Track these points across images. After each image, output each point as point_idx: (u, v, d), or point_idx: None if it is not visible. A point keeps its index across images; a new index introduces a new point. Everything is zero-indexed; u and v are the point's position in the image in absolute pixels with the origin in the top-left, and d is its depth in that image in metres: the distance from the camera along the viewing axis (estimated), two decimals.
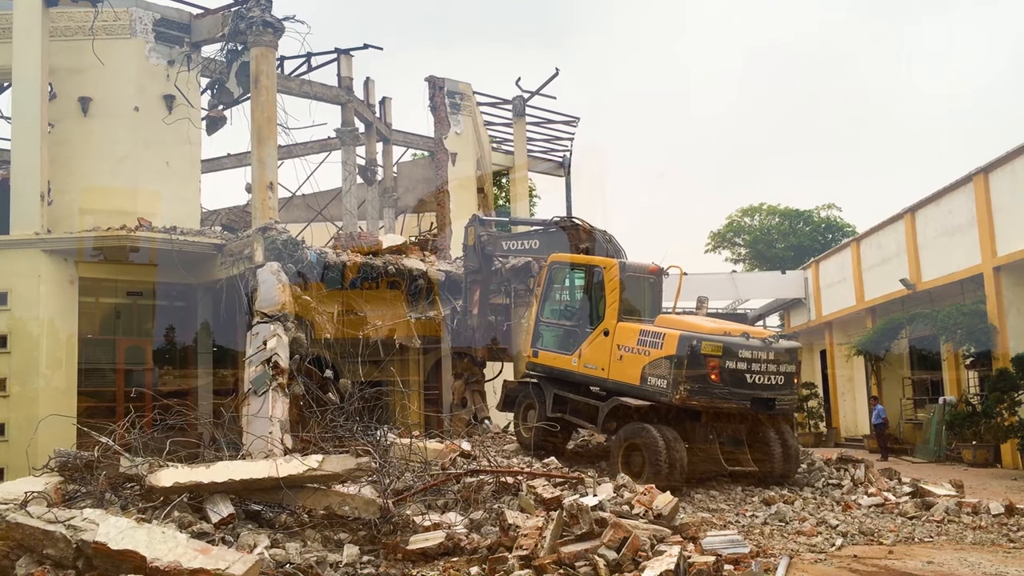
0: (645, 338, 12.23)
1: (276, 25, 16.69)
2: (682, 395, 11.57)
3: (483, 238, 16.21)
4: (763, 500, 11.40)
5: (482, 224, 16.51)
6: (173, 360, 18.40)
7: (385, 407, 16.34)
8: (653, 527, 8.27)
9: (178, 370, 18.28)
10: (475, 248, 16.33)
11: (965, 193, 21.69)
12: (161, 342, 18.26)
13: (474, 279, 16.66)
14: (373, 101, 26.06)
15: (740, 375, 11.78)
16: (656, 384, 11.87)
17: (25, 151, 16.64)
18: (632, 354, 12.33)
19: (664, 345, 11.89)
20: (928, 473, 17.14)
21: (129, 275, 17.07)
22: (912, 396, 27.03)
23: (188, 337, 18.38)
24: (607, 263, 13.24)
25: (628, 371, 12.34)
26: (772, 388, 12.08)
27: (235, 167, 27.77)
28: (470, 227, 16.59)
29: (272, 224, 15.82)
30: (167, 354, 18.35)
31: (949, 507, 10.87)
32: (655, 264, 13.66)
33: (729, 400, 11.81)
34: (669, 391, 11.67)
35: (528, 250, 15.93)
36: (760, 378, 11.94)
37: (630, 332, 12.49)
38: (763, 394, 12.00)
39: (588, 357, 13.11)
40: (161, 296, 18.06)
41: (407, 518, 8.71)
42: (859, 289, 28.88)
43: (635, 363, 12.24)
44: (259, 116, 16.41)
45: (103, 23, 17.98)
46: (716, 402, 11.81)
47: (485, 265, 16.53)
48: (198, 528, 7.96)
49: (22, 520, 7.47)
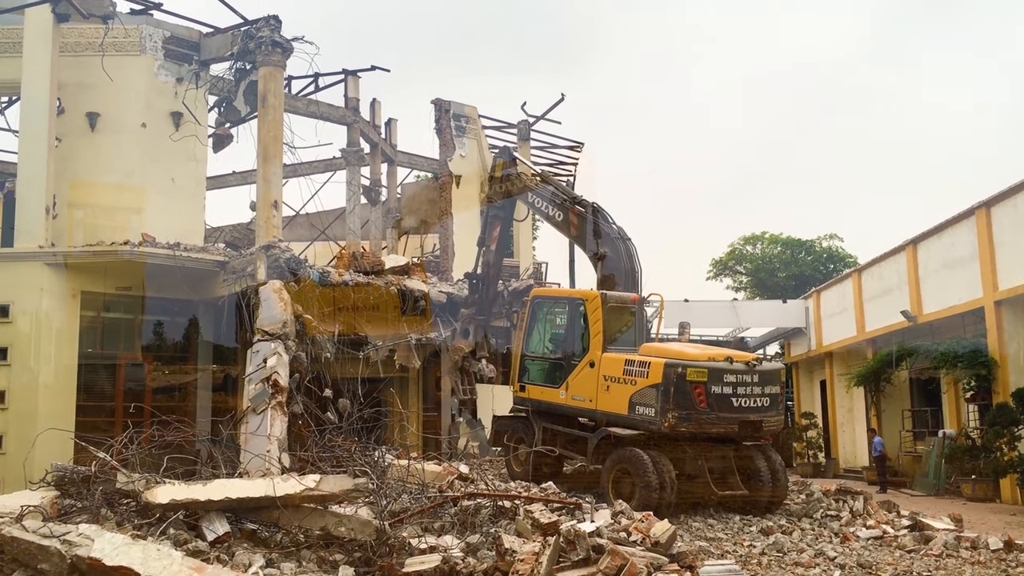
0: (631, 368, 12.26)
1: (285, 45, 16.84)
2: (670, 422, 11.59)
3: (512, 175, 15.99)
4: (761, 530, 11.35)
5: (513, 161, 16.37)
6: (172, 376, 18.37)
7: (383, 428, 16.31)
8: (650, 555, 8.23)
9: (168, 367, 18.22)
10: (504, 182, 16.12)
11: (967, 226, 21.73)
12: (161, 358, 18.25)
13: (496, 213, 16.57)
14: (379, 122, 26.20)
15: (727, 399, 11.85)
16: (644, 413, 11.88)
17: (32, 164, 16.75)
18: (619, 384, 12.35)
19: (650, 374, 11.91)
20: (927, 506, 17.05)
21: (131, 290, 17.10)
22: (912, 428, 26.94)
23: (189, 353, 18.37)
24: (588, 295, 13.32)
25: (615, 401, 12.36)
26: (758, 410, 12.17)
27: (240, 184, 27.86)
28: (500, 159, 16.49)
29: (275, 242, 15.87)
30: (166, 369, 18.32)
31: (948, 541, 10.81)
32: (635, 294, 13.70)
33: (717, 425, 11.85)
34: (657, 419, 11.68)
35: (549, 216, 15.26)
36: (746, 401, 12.02)
37: (615, 362, 12.54)
38: (750, 417, 12.08)
39: (575, 389, 13.14)
40: (163, 312, 18.09)
41: (403, 540, 8.67)
42: (860, 320, 28.85)
43: (622, 393, 12.26)
44: (265, 135, 16.52)
45: (113, 39, 18.13)
46: (704, 427, 11.83)
47: (509, 202, 16.30)
48: (193, 546, 7.91)
49: (17, 534, 7.44)
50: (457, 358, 16.87)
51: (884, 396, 27.24)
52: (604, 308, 12.97)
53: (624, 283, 13.78)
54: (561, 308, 14.04)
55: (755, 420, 12.16)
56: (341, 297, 16.47)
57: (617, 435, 12.21)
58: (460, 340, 17.13)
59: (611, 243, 14.16)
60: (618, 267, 13.99)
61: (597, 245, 14.13)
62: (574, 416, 13.33)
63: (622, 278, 13.83)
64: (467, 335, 17.02)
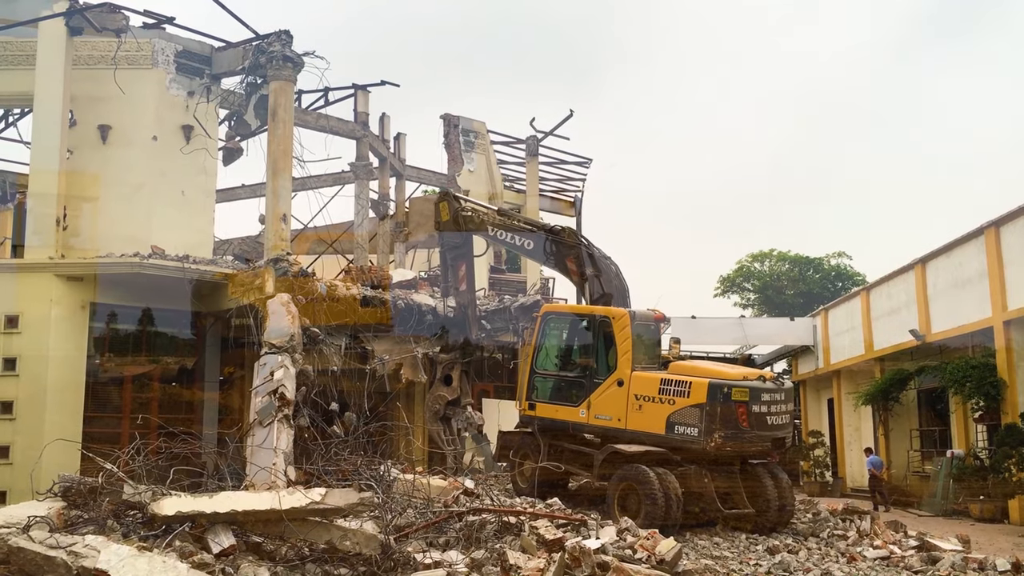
0: (667, 387, 12.17)
1: (296, 60, 16.96)
2: (716, 442, 11.60)
3: (466, 213, 15.53)
4: (767, 549, 11.29)
5: (457, 200, 15.89)
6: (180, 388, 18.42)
7: (389, 442, 16.28)
8: (656, 573, 8.21)
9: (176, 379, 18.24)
10: (453, 222, 15.64)
11: (976, 246, 21.69)
12: (169, 370, 18.29)
13: (456, 254, 16.02)
14: (388, 136, 26.31)
15: (763, 417, 11.98)
16: (686, 432, 11.83)
17: (43, 176, 16.85)
18: (653, 404, 12.24)
19: (691, 393, 11.87)
20: (935, 527, 16.96)
21: (140, 302, 17.17)
22: (920, 448, 26.82)
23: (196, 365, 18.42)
24: (616, 313, 13.17)
25: (649, 421, 12.24)
26: (783, 428, 12.38)
27: (249, 197, 27.98)
28: (443, 202, 15.86)
29: (284, 255, 15.93)
30: (174, 381, 18.37)
31: (955, 562, 10.73)
32: (659, 312, 13.69)
33: (756, 443, 12.01)
34: (701, 438, 11.66)
35: (518, 246, 15.19)
36: (775, 419, 12.17)
37: (649, 381, 12.41)
38: (778, 434, 12.28)
39: (600, 408, 12.96)
40: (171, 324, 18.15)
41: (408, 555, 8.66)
42: (868, 338, 28.78)
43: (658, 412, 12.16)
44: (275, 148, 16.61)
45: (125, 53, 18.27)
46: (746, 446, 11.96)
47: (466, 239, 15.82)
48: (199, 558, 7.92)
49: (24, 545, 7.46)
50: (438, 407, 16.03)
51: (892, 415, 27.13)
52: (632, 326, 12.88)
53: (618, 301, 13.84)
54: (580, 325, 13.84)
55: (781, 437, 12.38)
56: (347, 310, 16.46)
57: (623, 452, 12.17)
58: (441, 387, 16.28)
59: (597, 263, 14.15)
60: (610, 286, 14.03)
61: (586, 266, 14.07)
62: (598, 435, 13.12)
63: (618, 297, 13.88)
64: (448, 382, 16.22)
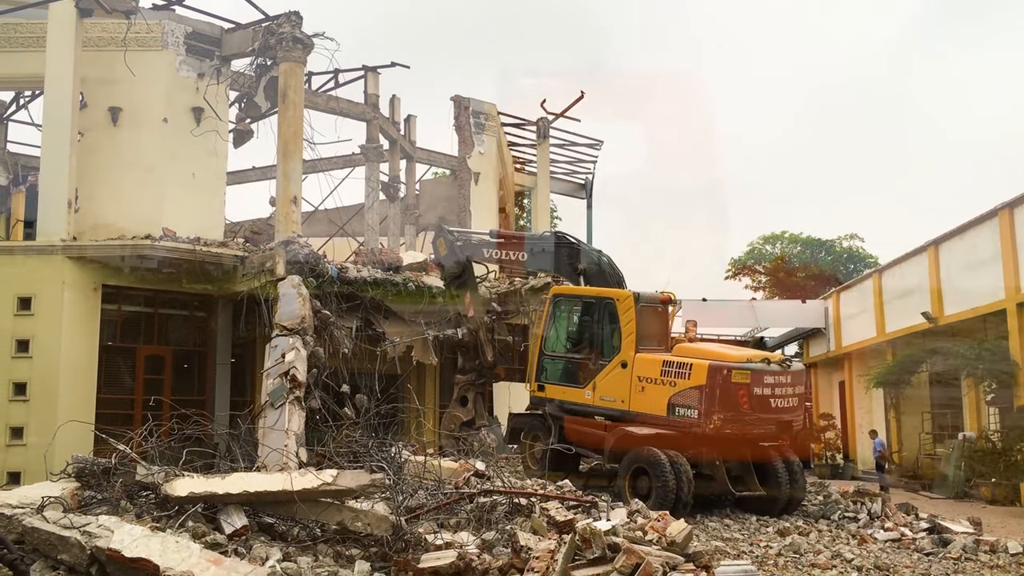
0: (669, 368, 12.20)
1: (306, 41, 16.89)
2: (716, 424, 11.60)
3: (459, 244, 15.90)
4: (778, 531, 11.29)
5: (451, 233, 16.28)
6: (192, 370, 18.50)
7: (401, 424, 16.32)
8: (666, 554, 8.21)
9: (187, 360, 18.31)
10: (451, 255, 15.97)
11: (990, 228, 21.51)
12: (181, 351, 18.37)
13: (459, 283, 16.31)
14: (398, 118, 26.27)
15: (766, 400, 11.92)
16: (686, 414, 11.85)
17: (55, 159, 16.88)
18: (656, 385, 12.29)
19: (692, 375, 11.87)
20: (946, 509, 16.92)
21: (152, 284, 17.23)
22: (932, 431, 26.74)
23: (208, 347, 18.49)
24: (620, 295, 13.24)
25: (652, 402, 12.30)
26: (790, 411, 12.29)
27: (260, 180, 28.03)
28: (439, 239, 16.25)
29: (295, 238, 15.93)
30: (186, 363, 18.45)
31: (967, 545, 10.73)
32: (665, 293, 13.69)
33: (758, 426, 11.93)
34: (701, 420, 11.67)
35: (513, 261, 15.66)
36: (781, 402, 12.09)
37: (652, 363, 12.46)
38: (784, 417, 12.20)
39: (604, 389, 13.06)
40: (182, 306, 18.22)
41: (419, 536, 8.69)
42: (880, 321, 28.63)
43: (660, 394, 12.20)
44: (286, 130, 16.58)
45: (135, 35, 18.24)
46: (747, 429, 11.89)
47: (468, 268, 16.16)
48: (211, 539, 7.97)
49: (38, 524, 7.52)
50: (454, 426, 16.15)
51: (904, 398, 27.02)
52: (637, 308, 12.90)
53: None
54: (587, 307, 13.92)
55: (788, 420, 12.28)
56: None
57: (633, 434, 12.17)
58: (457, 408, 16.48)
59: (588, 257, 14.47)
60: (602, 278, 14.21)
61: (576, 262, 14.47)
62: (603, 416, 13.17)
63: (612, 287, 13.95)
64: (464, 403, 16.43)
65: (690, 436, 11.93)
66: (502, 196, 28.67)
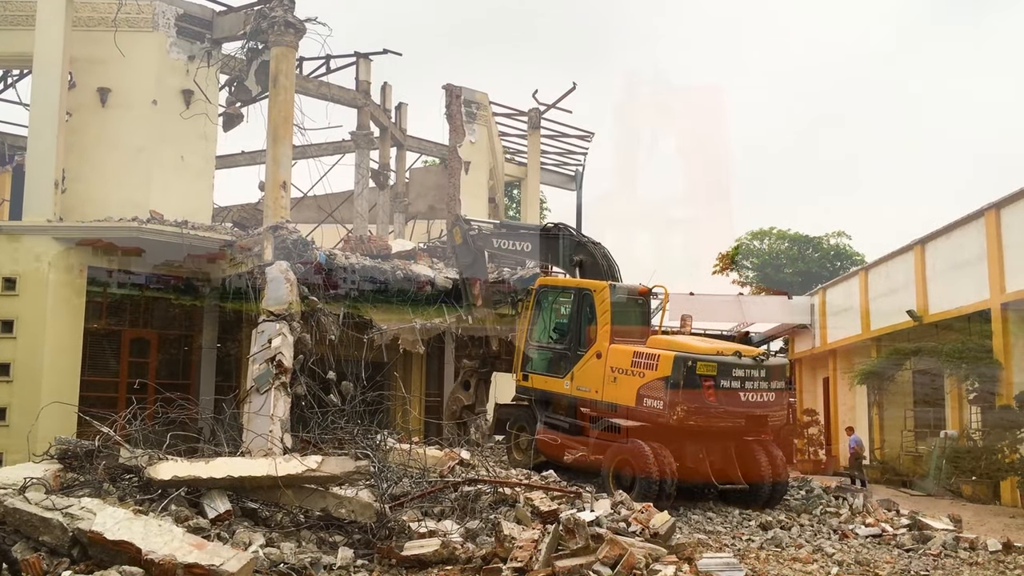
0: (639, 360, 12.27)
1: (298, 26, 16.78)
2: (679, 415, 11.61)
3: (472, 233, 16.30)
4: (760, 524, 11.36)
5: (467, 222, 16.70)
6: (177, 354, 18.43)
7: (386, 412, 16.32)
8: (649, 546, 8.26)
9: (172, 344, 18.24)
10: (465, 244, 16.37)
11: (976, 228, 21.63)
12: (166, 335, 18.28)
13: (471, 272, 16.64)
14: (389, 106, 26.15)
15: (734, 394, 11.89)
16: (652, 405, 11.90)
17: (42, 139, 16.73)
18: (626, 376, 12.37)
19: (659, 367, 11.92)
20: (927, 506, 17.04)
21: (138, 266, 17.13)
22: (914, 428, 26.91)
23: (193, 331, 18.42)
24: (597, 286, 13.32)
25: (623, 393, 12.38)
26: (765, 406, 12.22)
27: (249, 164, 27.85)
28: (454, 227, 16.75)
29: (283, 223, 15.87)
30: (171, 347, 18.37)
31: (947, 541, 10.81)
32: (644, 286, 13.75)
33: (724, 419, 11.90)
34: (666, 412, 11.70)
35: (518, 251, 16.08)
36: (753, 396, 12.05)
37: (623, 354, 12.53)
38: (756, 412, 12.13)
39: (581, 380, 13.17)
40: (168, 289, 18.12)
41: (403, 524, 8.71)
42: (865, 318, 28.77)
43: (629, 385, 12.28)
44: (276, 115, 16.49)
45: (126, 15, 18.10)
46: (712, 421, 11.87)
47: (479, 258, 16.55)
48: (194, 523, 7.96)
49: (20, 505, 7.50)
50: (455, 408, 16.36)
51: (887, 395, 27.17)
52: (612, 299, 12.98)
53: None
54: (568, 298, 14.04)
55: (761, 415, 12.21)
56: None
57: (618, 425, 12.22)
58: (460, 391, 16.66)
59: (586, 250, 14.53)
60: (597, 269, 14.24)
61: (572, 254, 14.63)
62: (579, 406, 13.31)
63: (607, 279, 13.96)
64: (467, 387, 16.60)
65: (657, 427, 11.97)
66: (492, 186, 28.64)
